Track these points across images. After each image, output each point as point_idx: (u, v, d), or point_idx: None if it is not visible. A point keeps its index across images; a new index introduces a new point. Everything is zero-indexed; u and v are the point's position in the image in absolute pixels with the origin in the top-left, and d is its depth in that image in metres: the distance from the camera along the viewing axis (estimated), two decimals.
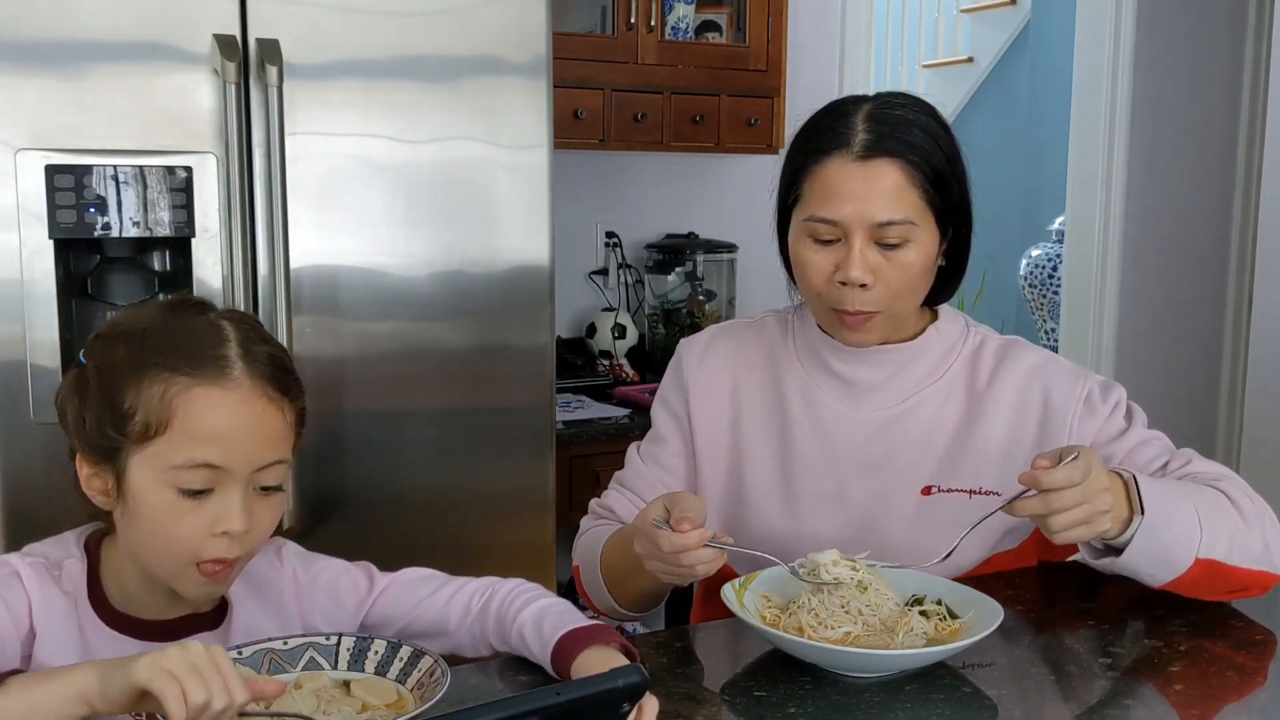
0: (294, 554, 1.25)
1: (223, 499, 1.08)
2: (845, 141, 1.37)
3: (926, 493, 1.45)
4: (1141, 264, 3.73)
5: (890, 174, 1.35)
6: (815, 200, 1.39)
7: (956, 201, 1.41)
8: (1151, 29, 3.62)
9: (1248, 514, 1.35)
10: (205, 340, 1.10)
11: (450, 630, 1.23)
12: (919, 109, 1.41)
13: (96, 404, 1.09)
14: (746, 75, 3.04)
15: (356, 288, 2.05)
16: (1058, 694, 1.19)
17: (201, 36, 1.89)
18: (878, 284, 1.37)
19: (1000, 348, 1.51)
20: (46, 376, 1.85)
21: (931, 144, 1.38)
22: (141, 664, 0.89)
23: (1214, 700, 1.22)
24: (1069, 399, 1.45)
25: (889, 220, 1.35)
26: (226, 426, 1.07)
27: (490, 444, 2.18)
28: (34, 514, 1.85)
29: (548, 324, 2.21)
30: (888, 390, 1.48)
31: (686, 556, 1.22)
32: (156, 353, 1.08)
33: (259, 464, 1.09)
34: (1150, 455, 1.44)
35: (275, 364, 1.13)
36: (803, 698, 1.15)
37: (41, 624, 1.10)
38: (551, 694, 0.84)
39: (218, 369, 1.08)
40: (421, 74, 2.05)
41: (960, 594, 1.29)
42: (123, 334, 1.12)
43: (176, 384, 1.07)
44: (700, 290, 3.25)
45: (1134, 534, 1.28)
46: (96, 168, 1.85)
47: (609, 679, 0.89)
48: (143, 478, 1.08)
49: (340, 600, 1.23)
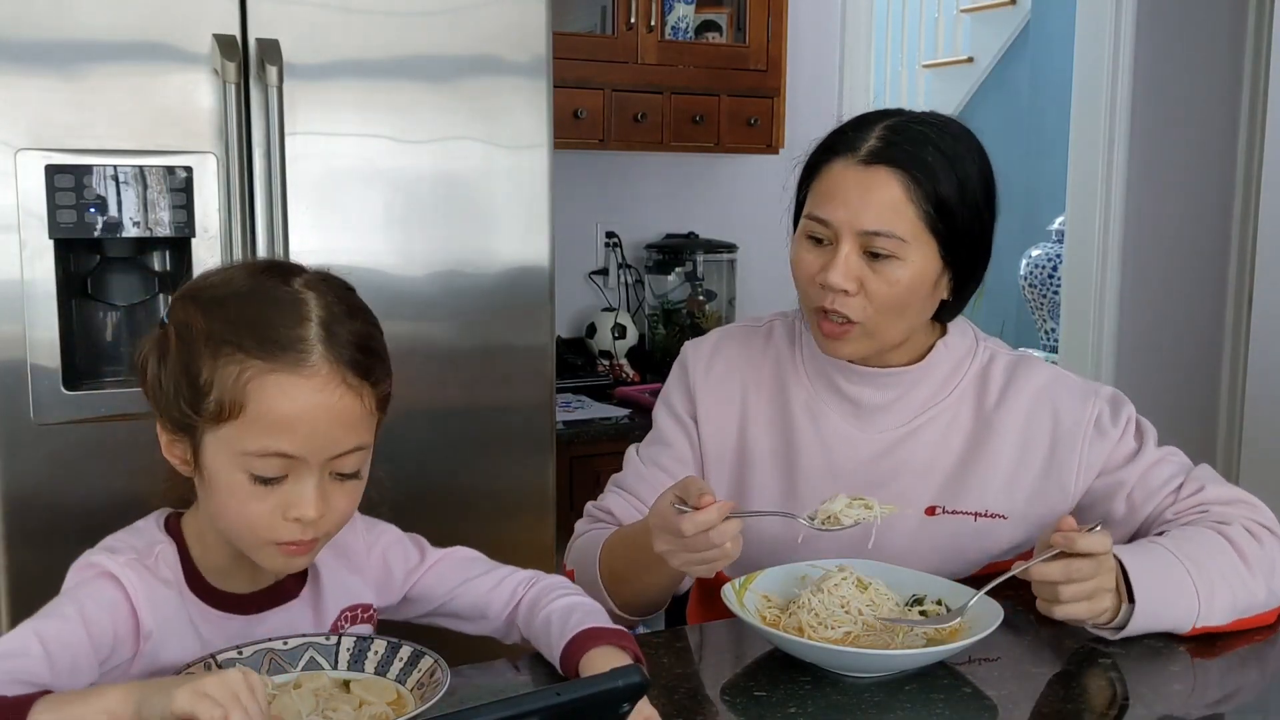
0: (359, 518, 1.23)
1: (296, 486, 1.05)
2: (854, 145, 1.35)
3: (930, 513, 1.44)
4: (1141, 264, 3.73)
5: (889, 184, 1.33)
6: (815, 199, 1.38)
7: (964, 232, 1.36)
8: (1151, 29, 3.62)
9: (1253, 561, 1.32)
10: (285, 318, 1.05)
11: (490, 615, 1.24)
12: (948, 131, 1.37)
13: (175, 371, 1.05)
14: (746, 75, 3.04)
15: (356, 288, 2.04)
16: (1058, 694, 1.19)
17: (201, 36, 1.89)
18: (860, 294, 1.35)
19: (1010, 365, 1.48)
20: (46, 376, 1.85)
21: (945, 167, 1.34)
22: (183, 691, 0.88)
23: (1215, 700, 1.22)
24: (1078, 422, 1.43)
25: (876, 230, 1.33)
26: (301, 415, 1.03)
27: (490, 444, 2.18)
28: (34, 514, 1.85)
29: (548, 324, 2.21)
30: (895, 411, 1.45)
31: (716, 534, 1.18)
32: (233, 329, 1.04)
33: (334, 452, 1.06)
34: (1164, 476, 1.41)
35: (358, 346, 1.09)
36: (803, 698, 1.15)
37: (154, 622, 1.06)
38: (552, 694, 0.84)
39: (295, 353, 1.04)
40: (421, 74, 2.05)
41: (960, 594, 1.29)
42: (205, 300, 1.07)
43: (251, 368, 1.02)
44: (700, 290, 3.25)
45: (1127, 623, 1.26)
46: (96, 168, 1.85)
47: (609, 679, 0.89)
48: (217, 457, 1.05)
49: (391, 568, 1.24)
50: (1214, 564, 1.31)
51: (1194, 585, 1.28)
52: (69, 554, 1.12)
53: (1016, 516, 1.43)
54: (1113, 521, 1.42)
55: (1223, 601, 1.29)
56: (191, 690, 0.88)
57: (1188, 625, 1.29)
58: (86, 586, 1.06)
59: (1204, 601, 1.28)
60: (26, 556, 1.85)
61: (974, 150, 1.38)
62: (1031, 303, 5.32)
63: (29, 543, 1.85)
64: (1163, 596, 1.27)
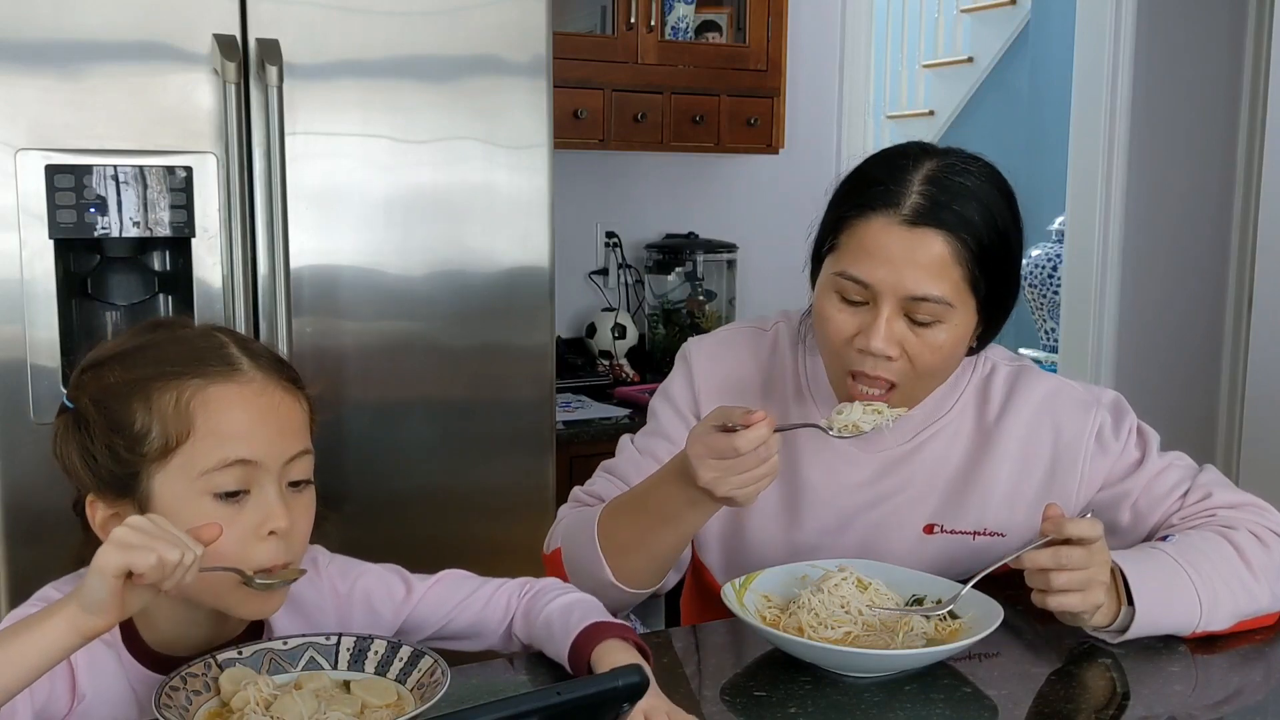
0: (329, 564, 1.22)
1: (260, 498, 1.05)
2: (895, 201, 1.27)
3: (929, 531, 1.43)
4: (1141, 264, 3.73)
5: (936, 246, 1.26)
6: (850, 256, 1.30)
7: (1000, 287, 1.32)
8: (1151, 29, 3.62)
9: (1257, 566, 1.31)
10: (204, 345, 1.09)
11: (487, 632, 1.23)
12: (983, 176, 1.31)
13: (103, 434, 1.05)
14: (746, 75, 3.04)
15: (356, 288, 2.05)
16: (1058, 694, 1.19)
17: (201, 36, 1.89)
18: (900, 359, 1.29)
19: (1010, 376, 1.46)
20: (46, 376, 1.85)
21: (988, 219, 1.28)
22: (106, 556, 0.90)
23: (1216, 701, 1.22)
24: (1079, 436, 1.41)
25: (924, 295, 1.26)
26: (250, 420, 1.05)
27: (490, 444, 2.18)
28: (34, 514, 1.85)
29: (548, 324, 2.21)
30: (897, 430, 1.41)
31: (765, 448, 1.18)
32: (158, 365, 1.06)
33: (288, 455, 1.07)
34: (1170, 484, 1.40)
35: (275, 359, 1.12)
36: (803, 698, 1.15)
37: (90, 685, 1.06)
38: (552, 693, 0.84)
39: (228, 366, 1.06)
40: (421, 74, 2.05)
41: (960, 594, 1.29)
42: (111, 359, 1.08)
43: (190, 387, 1.04)
44: (700, 290, 3.25)
45: (1128, 627, 1.26)
46: (96, 168, 1.85)
47: (609, 679, 0.89)
48: (172, 493, 1.04)
49: (377, 610, 1.21)
50: (1217, 569, 1.30)
51: (1196, 591, 1.28)
52: (69, 554, 1.12)
53: (1015, 534, 1.42)
54: (1119, 531, 1.41)
55: (1225, 607, 1.29)
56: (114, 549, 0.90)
57: (1189, 630, 1.29)
58: None
59: (1206, 607, 1.28)
60: (26, 556, 1.85)
61: (1005, 192, 1.33)
62: (1031, 303, 5.32)
63: (29, 543, 1.85)
64: (1164, 601, 1.27)
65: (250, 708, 1.00)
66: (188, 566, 0.93)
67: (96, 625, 0.92)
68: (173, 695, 1.00)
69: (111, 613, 0.92)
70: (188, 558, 0.92)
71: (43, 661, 0.92)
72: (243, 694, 1.01)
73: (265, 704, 1.00)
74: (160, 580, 0.92)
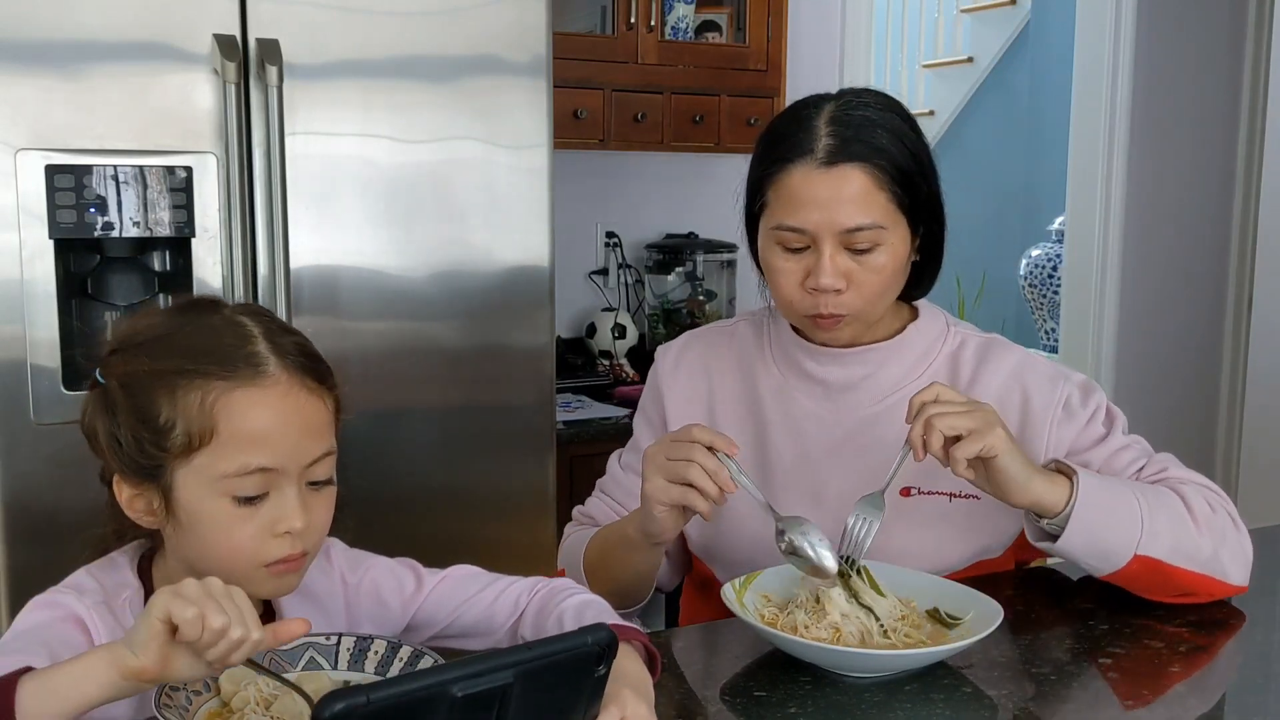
0: (342, 554, 1.22)
1: (279, 500, 1.05)
2: (809, 147, 1.35)
3: (905, 494, 1.44)
4: (1141, 264, 3.73)
5: (856, 179, 1.34)
6: (782, 208, 1.37)
7: (925, 198, 1.40)
8: (1151, 29, 3.62)
9: (1201, 520, 1.34)
10: (230, 339, 1.06)
11: (494, 629, 1.23)
12: (883, 107, 1.40)
13: (130, 421, 1.05)
14: (746, 75, 3.04)
15: (356, 288, 2.05)
16: (1058, 694, 1.19)
17: (201, 36, 1.89)
18: (850, 289, 1.36)
19: (980, 348, 1.49)
20: (46, 376, 1.85)
21: (897, 144, 1.36)
22: (157, 597, 0.88)
23: (1216, 701, 1.22)
24: (1048, 404, 1.44)
25: (857, 226, 1.34)
26: (273, 426, 1.03)
27: (490, 444, 2.18)
28: (34, 514, 1.85)
29: (548, 324, 2.21)
30: (864, 390, 1.46)
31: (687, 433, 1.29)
32: (184, 359, 1.04)
33: (309, 459, 1.06)
34: (1127, 460, 1.43)
35: (305, 353, 1.09)
36: (803, 698, 1.15)
37: None
38: (524, 649, 0.86)
39: (253, 367, 1.04)
40: (421, 74, 2.05)
41: (959, 598, 1.29)
42: (141, 344, 1.07)
43: (214, 389, 1.03)
44: (700, 290, 3.25)
45: (1069, 515, 1.29)
46: (96, 168, 1.85)
47: (578, 635, 0.89)
48: (193, 491, 1.04)
49: (386, 602, 1.21)
50: (1162, 503, 1.34)
51: (1139, 509, 1.31)
52: (69, 554, 1.12)
53: (990, 497, 1.43)
54: None
55: (1165, 537, 1.32)
56: (169, 594, 0.88)
57: (1130, 548, 1.31)
58: (54, 629, 1.04)
59: (1147, 526, 1.31)
60: (26, 556, 1.85)
61: (903, 113, 1.41)
62: (1031, 303, 5.33)
63: (29, 543, 1.85)
64: (1108, 506, 1.30)
65: (250, 708, 1.00)
66: (236, 642, 0.88)
67: (132, 664, 0.88)
68: (173, 695, 0.99)
69: (150, 655, 0.88)
70: (236, 633, 0.88)
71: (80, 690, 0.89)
72: (243, 694, 1.01)
73: (265, 704, 1.00)
74: (198, 641, 0.88)
